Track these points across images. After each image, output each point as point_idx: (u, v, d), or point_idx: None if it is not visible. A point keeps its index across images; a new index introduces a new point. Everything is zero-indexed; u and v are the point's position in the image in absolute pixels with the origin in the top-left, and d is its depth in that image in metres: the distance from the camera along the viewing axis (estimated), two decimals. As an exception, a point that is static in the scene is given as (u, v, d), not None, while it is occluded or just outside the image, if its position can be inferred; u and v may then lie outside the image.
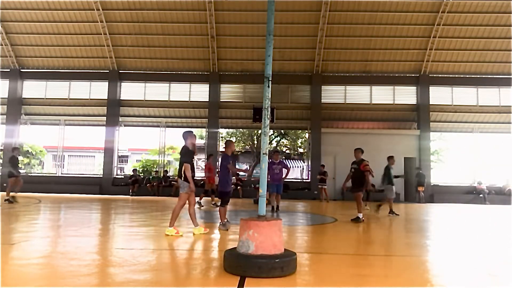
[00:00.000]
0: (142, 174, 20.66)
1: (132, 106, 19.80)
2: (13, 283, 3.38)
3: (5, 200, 11.53)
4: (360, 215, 8.76)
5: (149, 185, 18.57)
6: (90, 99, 19.80)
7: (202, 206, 11.89)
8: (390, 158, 11.11)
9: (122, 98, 19.77)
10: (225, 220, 7.03)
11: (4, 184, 18.18)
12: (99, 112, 19.73)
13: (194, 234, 6.29)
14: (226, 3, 18.07)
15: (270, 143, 25.36)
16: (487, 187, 18.42)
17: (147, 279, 3.68)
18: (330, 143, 18.67)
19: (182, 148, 6.39)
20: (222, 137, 24.48)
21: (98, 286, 3.43)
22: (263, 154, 4.14)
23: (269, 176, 11.34)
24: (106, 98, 19.47)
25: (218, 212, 7.17)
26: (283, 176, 11.53)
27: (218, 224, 7.12)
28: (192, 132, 6.58)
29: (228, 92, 19.82)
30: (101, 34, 18.80)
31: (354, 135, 18.87)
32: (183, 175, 6.11)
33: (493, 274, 4.33)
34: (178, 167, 6.37)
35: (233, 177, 12.07)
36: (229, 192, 7.11)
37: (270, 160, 12.18)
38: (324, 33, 18.27)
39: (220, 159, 9.28)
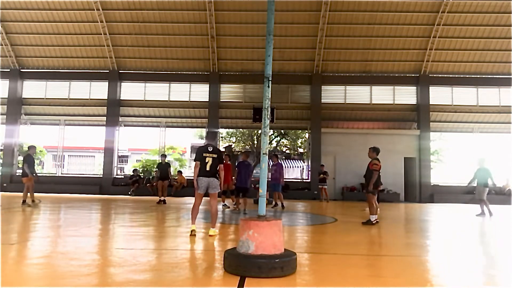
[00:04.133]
0: (143, 174, 20.67)
1: (132, 106, 19.79)
2: (13, 283, 3.38)
3: (161, 201, 13.04)
4: (372, 218, 8.15)
5: (149, 185, 18.57)
6: (90, 99, 19.79)
7: (229, 207, 11.76)
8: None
9: (122, 98, 19.76)
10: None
11: (4, 184, 18.39)
12: (99, 112, 19.73)
13: (209, 235, 6.13)
14: (226, 3, 18.06)
15: (270, 143, 25.38)
16: (487, 187, 18.38)
17: (147, 279, 3.68)
18: (330, 143, 18.67)
19: (215, 148, 6.23)
20: (222, 137, 24.53)
21: (98, 286, 3.43)
22: (263, 154, 4.14)
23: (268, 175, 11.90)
24: (106, 98, 19.45)
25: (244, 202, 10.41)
26: (280, 176, 12.38)
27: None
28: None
29: (228, 92, 19.81)
30: (101, 34, 18.80)
31: (354, 135, 18.88)
32: (217, 175, 6.10)
33: (493, 274, 4.34)
34: (209, 167, 6.06)
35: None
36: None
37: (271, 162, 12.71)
38: (324, 33, 18.27)
39: (245, 165, 10.83)
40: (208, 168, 6.03)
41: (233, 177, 11.31)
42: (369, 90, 19.37)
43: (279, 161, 13.04)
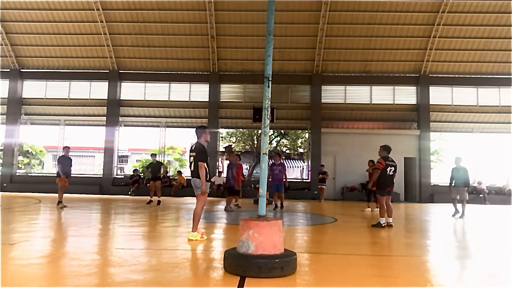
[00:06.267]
0: (143, 174, 20.66)
1: (132, 106, 19.79)
2: (13, 283, 3.38)
3: (151, 201, 13.05)
4: (382, 220, 7.91)
5: (149, 185, 18.54)
6: (90, 99, 19.78)
7: (240, 207, 11.78)
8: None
9: (122, 98, 19.75)
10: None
11: (4, 184, 18.37)
12: (99, 112, 19.73)
13: (188, 239, 5.73)
14: (226, 3, 18.06)
15: (270, 143, 25.37)
16: (487, 187, 18.41)
17: (147, 279, 3.68)
18: (330, 143, 18.66)
19: (196, 146, 5.82)
20: (222, 137, 24.53)
21: (98, 286, 3.43)
22: (263, 154, 4.14)
23: (270, 177, 11.80)
24: (106, 98, 19.45)
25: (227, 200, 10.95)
26: (284, 177, 12.15)
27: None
28: (206, 128, 6.19)
29: (228, 92, 19.80)
30: (101, 34, 18.79)
31: (354, 135, 18.88)
32: (199, 175, 5.65)
33: (493, 274, 4.34)
34: (192, 167, 5.78)
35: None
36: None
37: (272, 161, 12.56)
38: (324, 33, 18.26)
39: (232, 166, 11.41)
40: (192, 168, 5.79)
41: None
42: (369, 90, 19.36)
43: (282, 161, 12.89)
